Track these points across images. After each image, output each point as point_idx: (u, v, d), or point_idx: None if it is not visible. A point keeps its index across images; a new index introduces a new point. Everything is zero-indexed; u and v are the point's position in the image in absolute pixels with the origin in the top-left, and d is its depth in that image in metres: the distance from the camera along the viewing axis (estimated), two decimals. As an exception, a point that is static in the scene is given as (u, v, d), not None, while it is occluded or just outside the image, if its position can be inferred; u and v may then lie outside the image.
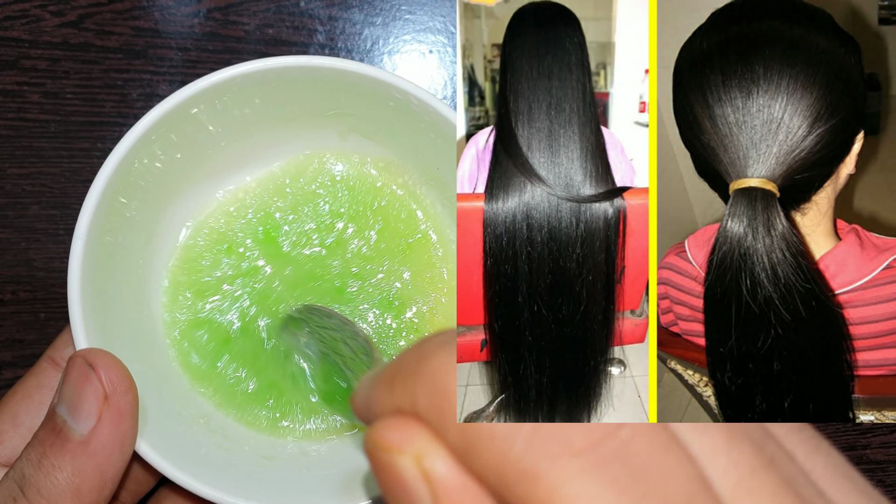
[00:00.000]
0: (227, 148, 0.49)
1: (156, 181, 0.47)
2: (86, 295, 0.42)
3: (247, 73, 0.44)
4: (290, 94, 0.46)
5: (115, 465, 0.39)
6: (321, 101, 0.47)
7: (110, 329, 0.44)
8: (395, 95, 0.44)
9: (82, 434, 0.38)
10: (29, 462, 0.38)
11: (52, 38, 0.57)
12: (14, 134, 0.57)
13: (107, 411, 0.38)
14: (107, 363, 0.39)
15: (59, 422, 0.38)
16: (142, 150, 0.43)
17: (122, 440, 0.39)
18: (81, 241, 0.42)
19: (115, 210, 0.44)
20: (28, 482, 0.38)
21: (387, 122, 0.48)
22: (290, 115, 0.48)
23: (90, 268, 0.42)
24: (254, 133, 0.49)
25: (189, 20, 0.57)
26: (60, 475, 0.38)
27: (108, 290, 0.45)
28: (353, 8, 0.58)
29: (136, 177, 0.44)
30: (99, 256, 0.43)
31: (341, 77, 0.44)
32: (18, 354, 0.57)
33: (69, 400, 0.38)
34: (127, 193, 0.45)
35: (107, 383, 0.38)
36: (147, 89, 0.57)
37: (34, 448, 0.39)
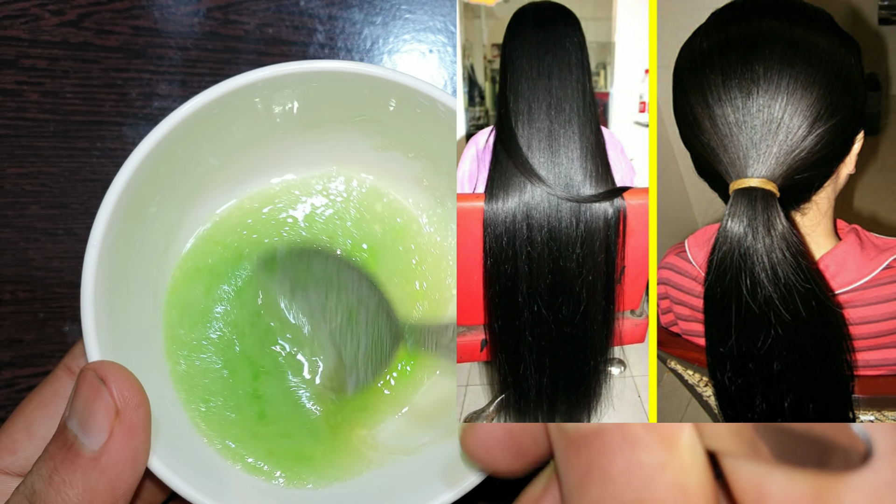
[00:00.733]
0: (249, 153, 0.49)
1: (175, 188, 0.46)
2: (99, 305, 0.41)
3: (288, 73, 0.43)
4: (320, 98, 0.45)
5: (127, 481, 0.38)
6: (349, 106, 0.46)
7: (124, 341, 0.43)
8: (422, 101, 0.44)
9: (93, 450, 0.37)
10: (40, 477, 0.37)
11: (52, 37, 0.56)
12: (13, 133, 0.56)
13: (118, 426, 0.37)
14: (119, 377, 0.38)
15: (70, 436, 0.37)
16: (160, 156, 0.42)
17: (134, 456, 0.38)
18: (96, 248, 0.40)
19: (133, 216, 0.43)
20: (39, 497, 0.37)
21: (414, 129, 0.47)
22: (317, 120, 0.48)
23: (105, 276, 0.41)
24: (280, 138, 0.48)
25: (189, 19, 0.57)
26: (71, 491, 0.37)
27: (122, 299, 0.44)
28: (353, 7, 0.58)
29: (154, 183, 0.44)
30: (115, 265, 0.42)
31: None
32: (17, 354, 0.57)
33: (80, 414, 0.37)
34: (145, 199, 0.44)
35: (118, 398, 0.37)
36: (146, 88, 0.57)
37: (45, 463, 0.38)
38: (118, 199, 0.41)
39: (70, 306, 0.57)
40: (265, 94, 0.44)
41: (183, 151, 0.44)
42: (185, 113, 0.41)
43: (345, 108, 0.47)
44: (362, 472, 0.48)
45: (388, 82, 0.43)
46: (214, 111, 0.43)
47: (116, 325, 0.42)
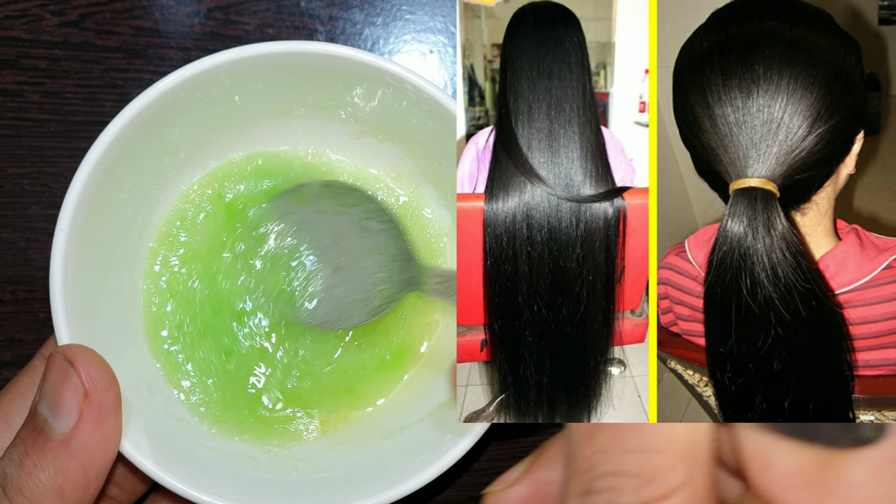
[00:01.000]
0: (229, 134, 0.49)
1: (147, 170, 0.46)
2: (69, 290, 0.41)
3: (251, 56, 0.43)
4: (291, 82, 0.46)
5: (99, 463, 0.38)
6: (322, 91, 0.47)
7: (95, 325, 0.43)
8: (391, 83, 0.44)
9: (63, 432, 0.37)
10: (11, 462, 0.38)
11: (53, 37, 0.56)
12: (14, 133, 0.56)
13: (87, 409, 0.37)
14: (86, 359, 0.38)
15: (41, 420, 0.38)
16: (131, 140, 0.43)
17: (104, 438, 0.38)
18: (64, 233, 0.41)
19: (103, 201, 0.43)
20: (10, 482, 0.37)
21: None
22: (289, 105, 0.48)
23: (75, 261, 0.41)
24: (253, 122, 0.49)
25: (189, 20, 0.57)
26: (42, 475, 0.37)
27: (93, 284, 0.44)
28: (354, 8, 0.58)
29: (125, 166, 0.44)
30: (86, 249, 0.42)
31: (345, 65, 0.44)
32: (18, 354, 0.57)
33: (49, 398, 0.38)
34: (116, 183, 0.44)
35: (87, 380, 0.38)
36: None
37: (16, 448, 0.38)
38: (85, 183, 0.41)
39: (70, 306, 0.57)
40: (233, 77, 0.44)
41: (151, 135, 0.44)
42: (154, 95, 0.42)
43: (316, 92, 0.47)
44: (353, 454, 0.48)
45: (354, 62, 0.43)
46: (181, 94, 0.43)
47: (89, 310, 0.43)
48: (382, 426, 0.49)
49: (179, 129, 0.46)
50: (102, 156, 0.42)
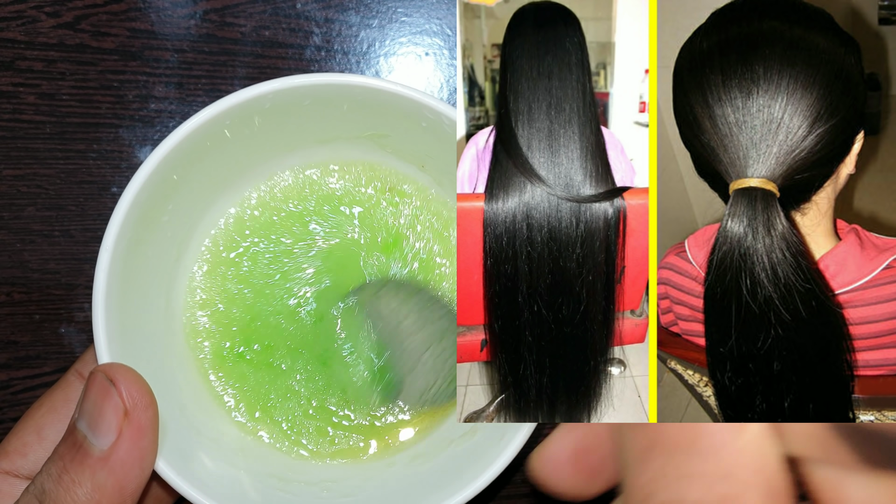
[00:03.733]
0: (250, 165, 0.49)
1: (189, 193, 0.46)
2: (110, 309, 0.41)
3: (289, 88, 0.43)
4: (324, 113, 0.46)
5: (135, 480, 0.39)
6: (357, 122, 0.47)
7: (134, 344, 0.44)
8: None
9: (102, 449, 0.38)
10: (49, 477, 0.38)
11: (48, 39, 0.56)
12: (9, 135, 0.56)
13: (127, 427, 0.38)
14: (128, 378, 0.39)
15: (80, 437, 0.38)
16: (172, 165, 0.43)
17: (141, 456, 0.39)
18: (108, 252, 0.41)
19: (146, 221, 0.43)
20: (48, 497, 0.38)
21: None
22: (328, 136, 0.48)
23: (116, 281, 0.42)
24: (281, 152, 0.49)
25: (185, 22, 0.57)
26: (80, 490, 0.37)
27: (134, 305, 0.44)
28: (350, 10, 0.58)
29: (167, 189, 0.44)
30: (127, 268, 0.43)
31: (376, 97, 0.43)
32: (13, 356, 0.57)
33: (90, 415, 0.38)
34: (158, 206, 0.44)
35: (127, 399, 0.38)
36: (143, 91, 0.57)
37: (54, 463, 0.38)
38: (131, 204, 0.41)
39: (66, 308, 0.57)
40: (274, 104, 0.44)
41: (194, 161, 0.44)
42: (199, 121, 0.42)
43: (351, 122, 0.47)
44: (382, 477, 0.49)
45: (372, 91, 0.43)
46: (226, 122, 0.43)
47: (127, 329, 0.43)
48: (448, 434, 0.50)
49: (222, 157, 0.46)
50: (153, 173, 0.42)
